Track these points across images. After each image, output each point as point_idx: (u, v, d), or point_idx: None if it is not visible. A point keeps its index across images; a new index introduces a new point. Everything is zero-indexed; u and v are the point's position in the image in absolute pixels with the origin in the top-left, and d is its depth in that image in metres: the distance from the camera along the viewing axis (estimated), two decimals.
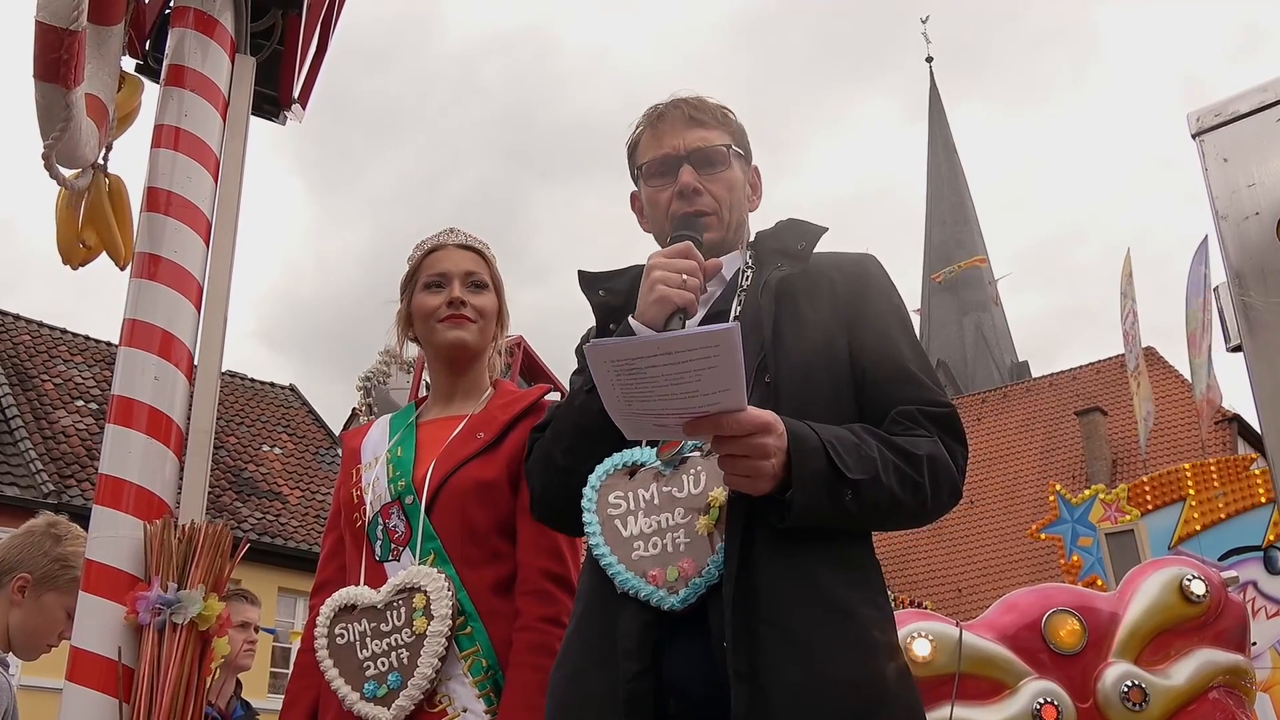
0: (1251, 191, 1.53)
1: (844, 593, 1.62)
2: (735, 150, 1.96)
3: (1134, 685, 4.58)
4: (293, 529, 20.25)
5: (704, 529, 1.66)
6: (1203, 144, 1.59)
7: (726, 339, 1.39)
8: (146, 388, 2.54)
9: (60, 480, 17.38)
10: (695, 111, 1.96)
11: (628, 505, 1.75)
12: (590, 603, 1.78)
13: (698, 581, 1.63)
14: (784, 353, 1.75)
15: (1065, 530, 11.58)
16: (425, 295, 2.39)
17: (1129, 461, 25.81)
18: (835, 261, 1.89)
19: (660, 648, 1.64)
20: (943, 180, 68.67)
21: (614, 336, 1.81)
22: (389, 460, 2.34)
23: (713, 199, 1.92)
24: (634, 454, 1.78)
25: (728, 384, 1.43)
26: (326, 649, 2.24)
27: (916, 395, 1.74)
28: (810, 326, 1.79)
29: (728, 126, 1.97)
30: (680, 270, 1.76)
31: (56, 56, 2.17)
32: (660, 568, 1.66)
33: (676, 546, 1.67)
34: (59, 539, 2.70)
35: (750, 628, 1.56)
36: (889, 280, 1.91)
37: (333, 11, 3.46)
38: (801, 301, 1.82)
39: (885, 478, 1.60)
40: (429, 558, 2.20)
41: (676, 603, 1.64)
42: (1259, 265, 1.50)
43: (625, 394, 1.48)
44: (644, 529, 1.71)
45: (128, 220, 2.81)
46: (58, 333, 21.15)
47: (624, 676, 1.62)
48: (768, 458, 1.52)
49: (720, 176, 1.93)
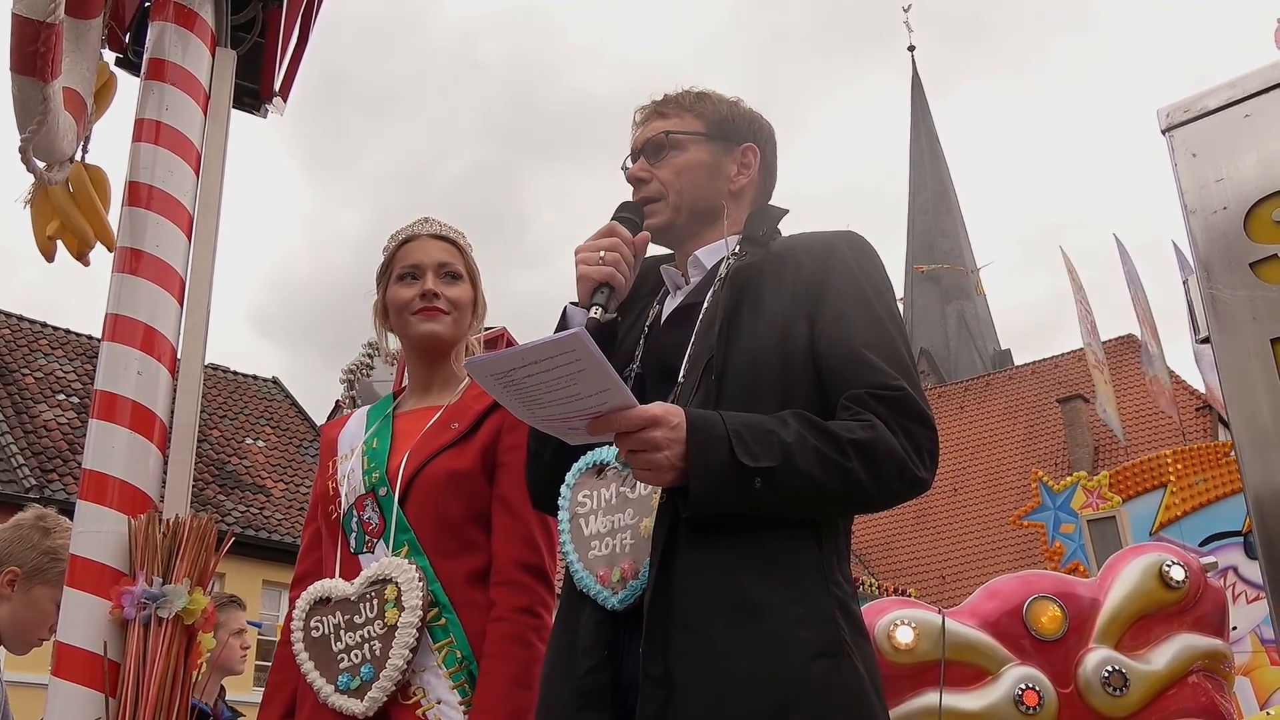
0: (1220, 186, 1.54)
1: (765, 591, 1.59)
2: (689, 132, 1.94)
3: (1114, 670, 4.62)
4: (277, 522, 20.20)
5: (646, 531, 1.69)
6: (1172, 139, 1.61)
7: (575, 342, 1.41)
8: (130, 382, 2.54)
9: (42, 474, 17.29)
10: (662, 105, 1.99)
11: (591, 504, 1.79)
12: (563, 600, 1.83)
13: (635, 584, 1.67)
14: (734, 346, 1.73)
15: (1048, 517, 11.65)
16: (399, 287, 2.38)
17: (1111, 448, 25.98)
18: (806, 243, 1.86)
19: (617, 644, 1.68)
20: (925, 169, 68.73)
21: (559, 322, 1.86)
22: (364, 452, 2.34)
23: (659, 184, 1.93)
24: (601, 453, 1.81)
25: (603, 384, 1.46)
26: (302, 642, 2.24)
27: (865, 379, 1.67)
28: (766, 316, 1.76)
29: (695, 111, 1.97)
30: (598, 248, 1.82)
31: (33, 49, 2.16)
32: (607, 568, 1.71)
33: (623, 547, 1.71)
34: (48, 531, 2.70)
35: (665, 631, 1.58)
36: (860, 257, 1.83)
37: (313, 4, 3.45)
38: (764, 289, 1.79)
39: (802, 464, 1.55)
40: (403, 549, 2.20)
41: (617, 603, 1.68)
42: (1227, 259, 1.51)
43: (521, 403, 1.52)
44: (600, 529, 1.76)
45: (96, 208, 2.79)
46: (38, 326, 21.02)
47: (578, 672, 1.67)
48: (659, 450, 1.52)
49: (666, 161, 1.93)
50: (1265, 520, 1.45)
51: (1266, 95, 1.53)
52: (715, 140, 1.96)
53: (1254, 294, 1.48)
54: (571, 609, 1.77)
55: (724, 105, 1.99)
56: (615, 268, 1.81)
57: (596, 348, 1.43)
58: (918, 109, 71.49)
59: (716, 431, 1.55)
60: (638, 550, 1.69)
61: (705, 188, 1.95)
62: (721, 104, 1.99)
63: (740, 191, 1.98)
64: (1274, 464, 1.45)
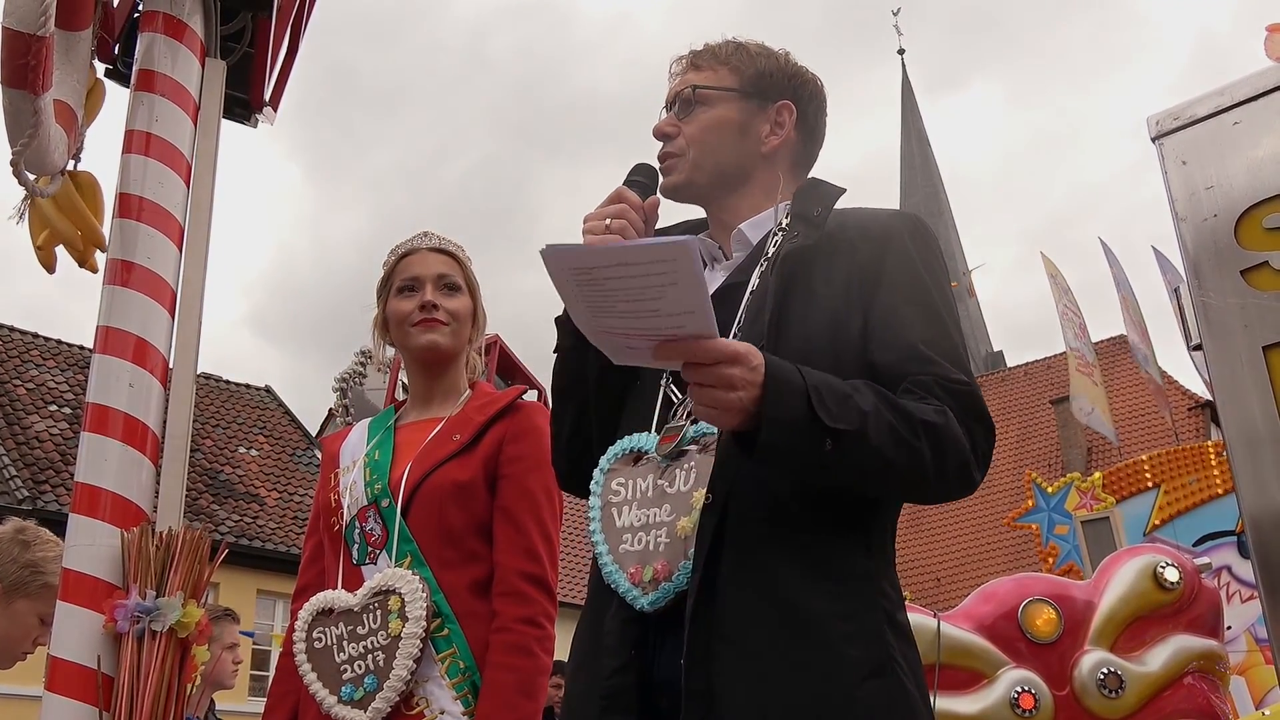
0: (1210, 194, 1.54)
1: (813, 605, 1.51)
2: (720, 88, 1.82)
3: (1110, 672, 4.63)
4: (270, 531, 20.14)
5: (683, 531, 1.59)
6: (1162, 147, 1.61)
7: (682, 252, 1.29)
8: (121, 395, 2.54)
9: (34, 485, 17.24)
10: (697, 56, 1.87)
11: (626, 493, 1.69)
12: (591, 594, 1.73)
13: (667, 585, 1.57)
14: (785, 338, 1.62)
15: (1042, 519, 11.66)
16: (399, 300, 2.40)
17: (1104, 449, 26.01)
18: (861, 225, 1.73)
19: (644, 644, 1.60)
20: (916, 171, 68.90)
21: None
22: (366, 463, 2.34)
23: (684, 140, 1.82)
24: (640, 440, 1.71)
25: (690, 305, 1.35)
26: (304, 653, 2.24)
27: (928, 370, 1.57)
28: (818, 306, 1.65)
29: (731, 64, 1.85)
30: (604, 215, 1.73)
31: (24, 62, 2.16)
32: (639, 565, 1.61)
33: (657, 545, 1.61)
34: (28, 545, 2.68)
35: (708, 643, 1.50)
36: (919, 245, 1.71)
37: (303, 14, 3.45)
38: (815, 275, 1.67)
39: (875, 435, 1.45)
40: (405, 560, 2.20)
41: (647, 604, 1.59)
42: (1217, 266, 1.51)
43: (589, 306, 1.40)
44: (634, 521, 1.66)
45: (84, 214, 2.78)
46: (29, 337, 20.96)
47: (603, 673, 1.59)
48: (733, 390, 1.40)
49: (693, 117, 1.82)
50: (1258, 526, 1.45)
51: (1256, 103, 1.53)
52: (748, 97, 1.83)
53: (1245, 301, 1.48)
54: (599, 602, 1.68)
55: (763, 59, 1.86)
56: (622, 234, 1.72)
57: (700, 265, 1.31)
58: (908, 112, 71.69)
59: (795, 383, 1.44)
60: (672, 551, 1.59)
61: (732, 148, 1.83)
62: (760, 57, 1.86)
63: (773, 154, 1.84)
64: (1266, 470, 1.45)
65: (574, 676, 1.71)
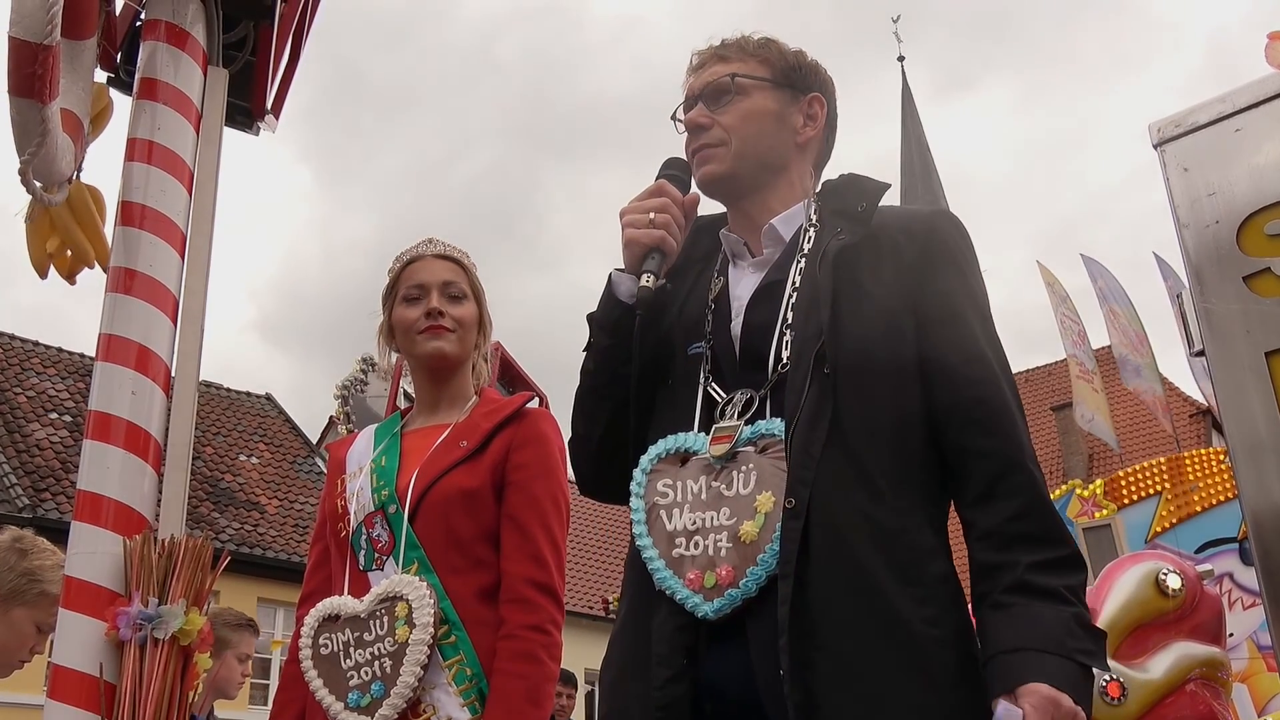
0: (1212, 200, 1.55)
1: (906, 610, 1.49)
2: (755, 77, 1.80)
3: (1112, 679, 4.63)
4: (271, 539, 20.13)
5: (747, 536, 1.54)
6: (1164, 154, 1.61)
7: None
8: (124, 402, 2.54)
9: (35, 494, 17.23)
10: (723, 49, 1.85)
11: (675, 496, 1.62)
12: (633, 598, 1.68)
13: (734, 593, 1.53)
14: (843, 337, 1.59)
15: None
16: (404, 308, 2.40)
17: (1105, 456, 26.00)
18: (903, 222, 1.71)
19: (695, 650, 1.55)
20: (916, 179, 68.90)
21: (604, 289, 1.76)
22: (373, 470, 2.34)
23: (722, 130, 1.78)
24: (687, 440, 1.66)
25: None
26: (311, 659, 2.24)
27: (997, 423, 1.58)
28: (872, 303, 1.63)
29: (760, 56, 1.83)
30: (648, 209, 1.71)
31: (31, 71, 2.17)
32: (699, 570, 1.55)
33: (719, 550, 1.55)
34: (24, 553, 2.68)
35: (806, 655, 1.46)
36: (963, 243, 1.71)
37: (304, 22, 3.46)
38: (864, 273, 1.65)
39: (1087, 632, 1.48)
40: (412, 566, 2.20)
41: (710, 611, 1.54)
42: (1220, 272, 1.52)
43: None
44: (688, 525, 1.59)
45: (99, 228, 2.80)
46: (30, 345, 20.98)
47: (656, 682, 1.55)
48: None
49: (730, 106, 1.78)
50: (1261, 533, 1.45)
51: (1258, 109, 1.54)
52: (782, 88, 1.81)
53: (1247, 307, 1.49)
54: (643, 610, 1.62)
55: (789, 53, 1.85)
56: (666, 230, 1.71)
57: None
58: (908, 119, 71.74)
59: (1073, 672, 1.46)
60: (737, 556, 1.54)
61: (772, 137, 1.80)
62: (787, 52, 1.85)
63: (806, 145, 1.84)
64: (1269, 476, 1.45)
65: (618, 685, 1.66)
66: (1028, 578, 1.48)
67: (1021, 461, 1.56)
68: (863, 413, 1.57)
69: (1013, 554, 1.51)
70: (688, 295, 1.80)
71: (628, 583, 1.72)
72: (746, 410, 1.63)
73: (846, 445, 1.55)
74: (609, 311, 1.76)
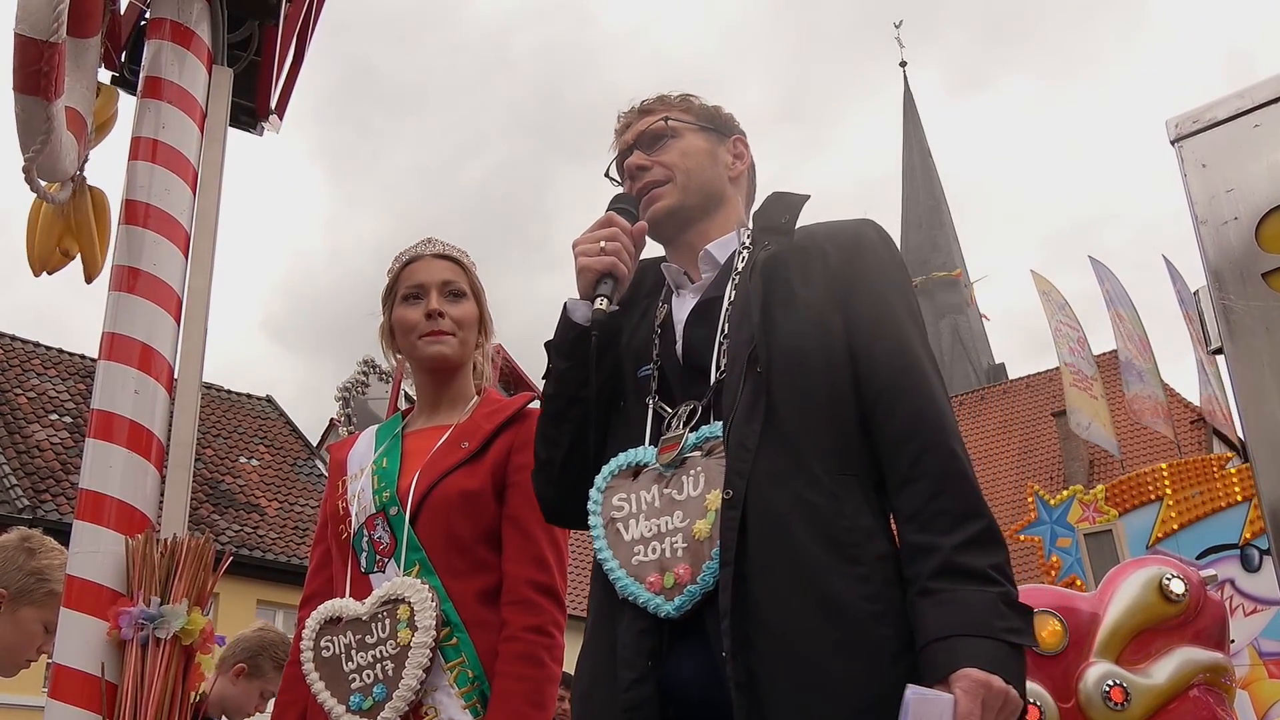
0: (1230, 197, 1.54)
1: (845, 589, 1.55)
2: (684, 121, 1.95)
3: (1115, 684, 4.61)
4: (271, 541, 20.11)
5: (700, 533, 1.61)
6: (1181, 150, 1.61)
7: None
8: (127, 401, 2.53)
9: (35, 495, 17.21)
10: (648, 104, 2.00)
11: (630, 508, 1.71)
12: (598, 611, 1.75)
13: (693, 589, 1.59)
14: (775, 337, 1.68)
15: (1044, 531, 11.65)
16: (404, 309, 2.39)
17: (1106, 462, 25.98)
18: (830, 232, 1.82)
19: (659, 654, 1.62)
20: (918, 184, 69.02)
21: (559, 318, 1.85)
22: (374, 471, 2.33)
23: (663, 168, 1.92)
24: (637, 454, 1.74)
25: None
26: (312, 661, 2.23)
27: (910, 384, 1.65)
28: (801, 307, 1.72)
29: (681, 107, 1.98)
30: (598, 238, 1.81)
31: (37, 69, 2.16)
32: (659, 573, 1.63)
33: (674, 551, 1.63)
34: (33, 552, 2.68)
35: (747, 636, 1.53)
36: (887, 246, 1.81)
37: (309, 22, 3.46)
38: (793, 279, 1.75)
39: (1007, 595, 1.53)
40: (414, 569, 2.19)
41: (672, 610, 1.60)
42: (1238, 269, 1.51)
43: None
44: (644, 533, 1.67)
45: (106, 234, 2.81)
46: (30, 346, 20.97)
47: (622, 685, 1.61)
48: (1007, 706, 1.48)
49: (668, 146, 1.93)
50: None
51: (1277, 105, 1.53)
52: (709, 131, 1.97)
53: (1267, 304, 1.48)
54: (606, 618, 1.70)
55: (708, 105, 2.01)
56: (617, 257, 1.80)
57: None
58: (910, 124, 71.84)
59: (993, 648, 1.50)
60: (692, 554, 1.61)
61: (710, 170, 1.94)
62: (706, 104, 2.01)
63: (738, 179, 1.99)
64: None
65: (589, 694, 1.71)
66: (953, 559, 1.53)
67: (940, 440, 1.62)
68: (798, 406, 1.65)
69: (935, 535, 1.56)
70: (637, 325, 1.90)
71: (593, 598, 1.80)
72: (691, 419, 1.72)
73: (782, 436, 1.62)
74: (565, 335, 1.85)
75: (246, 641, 4.04)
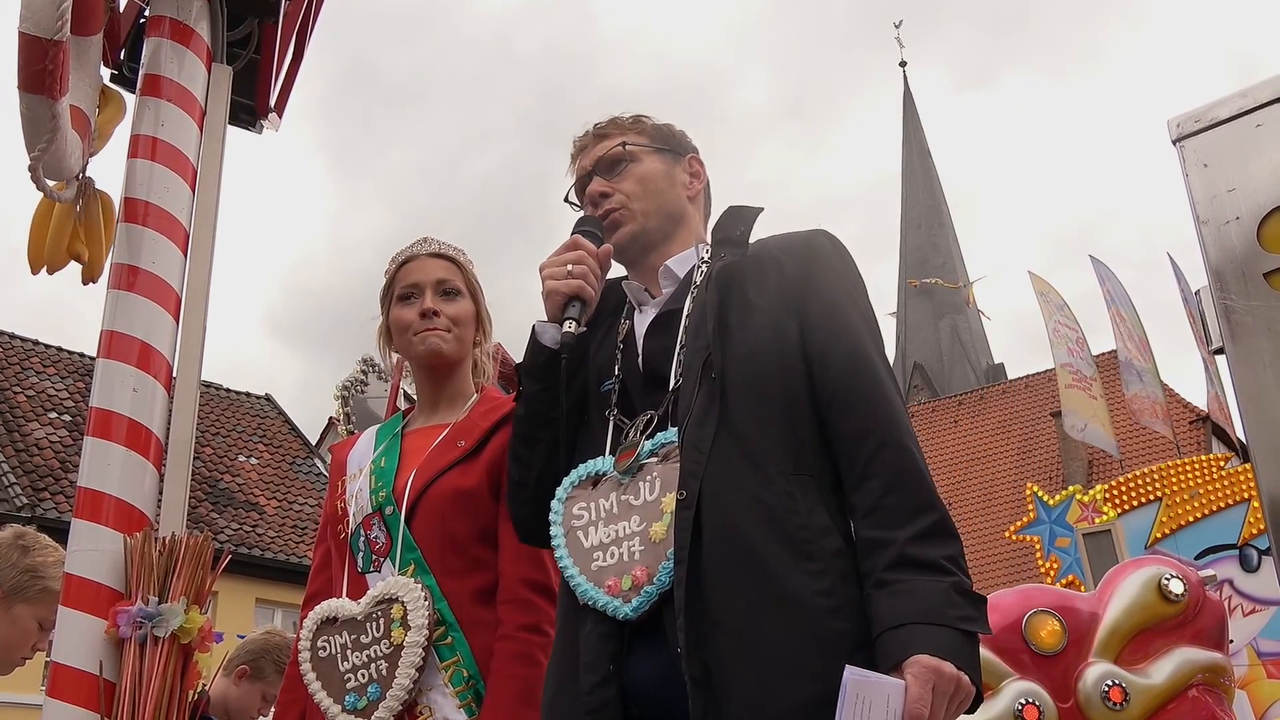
0: (1232, 196, 1.55)
1: (799, 585, 1.58)
2: (640, 144, 1.99)
3: (1114, 684, 4.62)
4: (270, 539, 20.12)
5: (657, 536, 1.65)
6: (1183, 150, 1.61)
7: None
8: (125, 400, 2.53)
9: (34, 493, 17.22)
10: (602, 128, 2.04)
11: (589, 516, 1.75)
12: (563, 620, 1.80)
13: (650, 589, 1.63)
14: (730, 345, 1.73)
15: (1043, 531, 11.64)
16: (401, 308, 2.39)
17: (1105, 462, 25.97)
18: (783, 242, 1.88)
19: (620, 657, 1.65)
20: (917, 185, 69.00)
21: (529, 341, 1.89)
22: (372, 471, 2.33)
23: (622, 195, 1.96)
24: (596, 464, 1.79)
25: None
26: (309, 661, 2.23)
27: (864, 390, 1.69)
28: (756, 314, 1.77)
29: (636, 129, 2.02)
30: (565, 262, 1.85)
31: (41, 68, 2.16)
32: (616, 577, 1.67)
33: (631, 555, 1.67)
34: (27, 550, 2.68)
35: (701, 632, 1.56)
36: (840, 254, 1.86)
37: (309, 20, 3.45)
38: (749, 288, 1.80)
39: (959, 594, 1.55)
40: (409, 568, 2.19)
41: (630, 611, 1.64)
42: (1240, 269, 1.52)
43: None
44: (603, 539, 1.72)
45: (111, 238, 2.80)
46: (29, 344, 20.97)
47: (584, 689, 1.64)
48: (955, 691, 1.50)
49: (626, 173, 1.97)
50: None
51: (1278, 105, 1.53)
52: (663, 152, 2.01)
53: (1268, 304, 1.48)
54: (571, 625, 1.74)
55: (660, 124, 2.05)
56: (584, 280, 1.85)
57: None
58: (910, 125, 71.83)
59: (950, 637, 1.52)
60: (649, 556, 1.65)
61: (668, 193, 1.99)
62: (658, 124, 2.05)
63: (696, 198, 2.03)
64: None
65: (555, 701, 1.75)
66: (907, 551, 1.56)
67: (892, 437, 1.65)
68: (752, 409, 1.69)
69: (890, 529, 1.59)
70: (602, 342, 1.95)
71: (559, 607, 1.84)
72: (648, 428, 1.76)
73: (737, 439, 1.66)
74: (535, 358, 1.90)
75: (251, 644, 4.08)
